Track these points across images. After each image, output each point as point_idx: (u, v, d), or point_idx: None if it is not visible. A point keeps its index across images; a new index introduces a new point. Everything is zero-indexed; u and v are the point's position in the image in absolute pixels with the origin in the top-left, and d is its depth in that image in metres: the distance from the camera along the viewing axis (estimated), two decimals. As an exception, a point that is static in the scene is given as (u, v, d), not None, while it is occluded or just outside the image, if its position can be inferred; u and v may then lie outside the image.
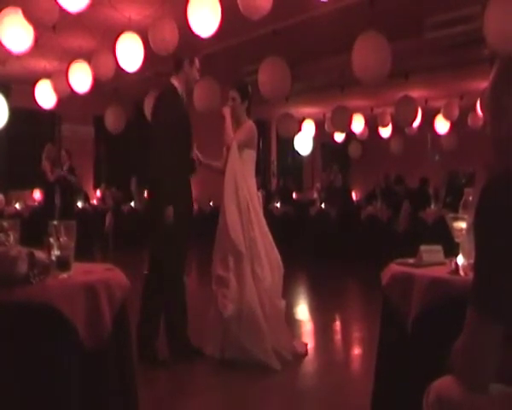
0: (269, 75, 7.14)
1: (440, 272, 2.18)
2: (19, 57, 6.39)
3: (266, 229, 4.02)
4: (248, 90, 4.12)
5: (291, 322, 5.27)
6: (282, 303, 3.98)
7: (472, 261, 1.79)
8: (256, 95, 7.21)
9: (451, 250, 2.23)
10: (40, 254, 1.99)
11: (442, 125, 11.72)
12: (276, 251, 4.01)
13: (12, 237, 2.07)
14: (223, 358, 3.79)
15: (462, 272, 2.09)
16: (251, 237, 3.87)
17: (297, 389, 3.50)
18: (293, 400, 3.30)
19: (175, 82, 3.92)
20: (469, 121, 11.17)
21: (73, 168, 9.24)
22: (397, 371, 2.24)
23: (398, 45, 6.65)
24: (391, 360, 2.31)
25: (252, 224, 3.90)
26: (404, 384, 2.17)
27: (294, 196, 13.06)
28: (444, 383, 1.39)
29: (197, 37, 5.39)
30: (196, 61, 3.97)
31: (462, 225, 2.14)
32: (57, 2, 4.92)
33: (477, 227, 1.28)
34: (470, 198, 2.16)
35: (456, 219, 2.18)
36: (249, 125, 4.05)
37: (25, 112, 10.24)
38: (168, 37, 5.95)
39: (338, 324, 5.52)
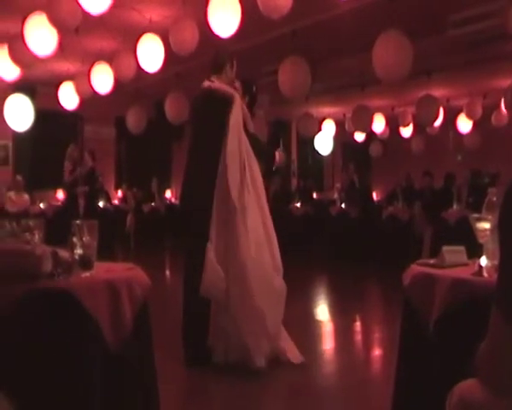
0: (289, 75, 7.13)
1: (463, 273, 2.15)
2: (43, 60, 6.49)
3: (265, 203, 3.82)
4: (252, 89, 4.10)
5: (311, 323, 5.27)
6: (280, 282, 3.74)
7: (496, 263, 1.77)
8: (276, 95, 7.24)
9: (474, 251, 2.20)
10: (64, 253, 2.02)
11: (464, 125, 11.57)
12: (272, 228, 3.80)
13: (37, 236, 2.11)
14: (227, 361, 3.61)
15: (485, 274, 2.06)
16: (240, 200, 3.63)
17: (317, 389, 3.49)
18: (312, 400, 3.29)
19: (216, 80, 3.90)
20: (493, 120, 11.01)
21: (94, 170, 9.32)
22: (418, 373, 2.22)
23: (420, 43, 6.57)
24: (412, 362, 2.29)
25: (244, 187, 3.66)
26: (426, 387, 2.14)
27: (315, 196, 13.03)
28: (467, 386, 1.37)
29: (217, 37, 5.41)
30: (235, 65, 3.99)
31: (486, 225, 2.12)
32: (80, 5, 4.98)
33: (502, 228, 1.26)
34: (494, 198, 2.13)
35: (480, 219, 2.15)
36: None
37: (49, 113, 10.38)
38: (188, 37, 5.98)
39: (358, 325, 5.49)
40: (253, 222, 3.67)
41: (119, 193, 12.62)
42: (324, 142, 13.22)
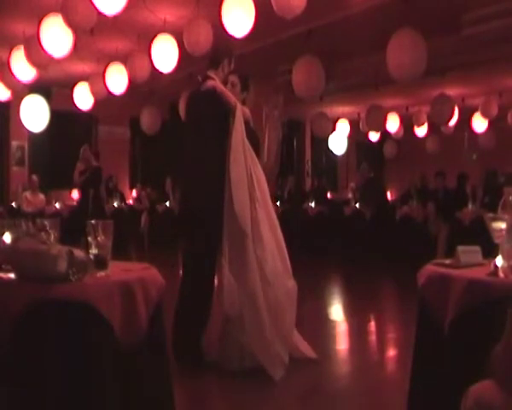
0: (303, 74, 7.13)
1: (479, 273, 2.13)
2: (59, 61, 6.55)
3: (271, 206, 3.78)
4: (249, 84, 4.01)
5: (325, 323, 5.26)
6: (292, 283, 3.70)
7: (512, 263, 1.75)
8: (290, 94, 7.23)
9: (490, 251, 2.18)
10: (79, 253, 2.03)
11: (480, 124, 11.47)
12: (279, 230, 3.76)
13: (52, 236, 2.12)
14: (242, 368, 3.54)
15: (501, 274, 2.04)
16: (253, 216, 3.57)
17: (330, 390, 3.48)
18: (326, 401, 3.28)
19: (214, 76, 3.85)
20: (509, 119, 10.89)
21: (99, 169, 9.18)
22: (433, 374, 2.21)
23: (435, 42, 6.53)
24: (427, 363, 2.28)
25: (255, 201, 3.60)
26: (441, 387, 2.13)
27: (329, 195, 12.99)
28: (483, 388, 1.36)
29: (231, 37, 5.42)
30: (233, 62, 3.94)
31: (502, 225, 2.10)
32: (95, 7, 5.03)
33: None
34: (510, 198, 2.12)
35: (496, 219, 2.13)
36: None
37: (64, 114, 10.49)
38: (203, 38, 6.00)
39: (373, 325, 5.46)
40: (266, 238, 3.63)
41: (134, 193, 12.70)
42: (338, 141, 13.19)
